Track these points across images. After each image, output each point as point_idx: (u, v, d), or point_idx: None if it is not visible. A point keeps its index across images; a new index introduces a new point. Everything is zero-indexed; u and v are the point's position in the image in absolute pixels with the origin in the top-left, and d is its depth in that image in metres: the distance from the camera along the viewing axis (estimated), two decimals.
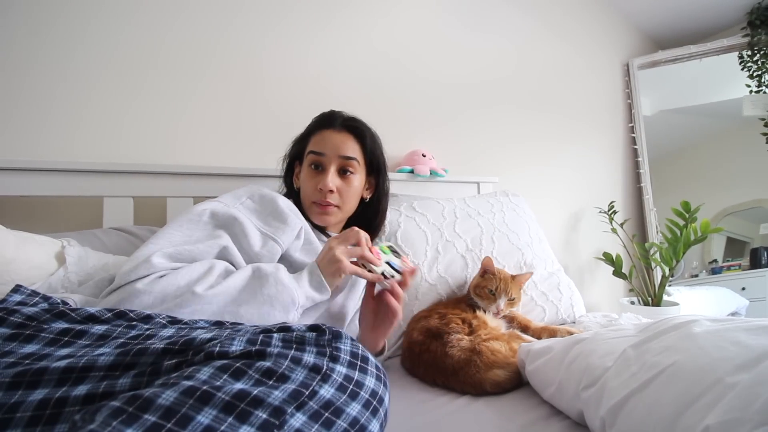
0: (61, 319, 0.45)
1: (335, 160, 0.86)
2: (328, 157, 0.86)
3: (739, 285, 2.21)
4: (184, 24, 1.18)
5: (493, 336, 0.79)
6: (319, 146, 0.87)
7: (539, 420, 0.61)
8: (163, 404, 0.29)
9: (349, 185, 0.88)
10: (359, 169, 0.90)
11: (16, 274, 0.64)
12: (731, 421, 0.36)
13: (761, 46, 2.18)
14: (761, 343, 0.43)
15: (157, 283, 0.57)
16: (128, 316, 0.48)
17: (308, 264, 0.71)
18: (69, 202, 1.01)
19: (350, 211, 0.92)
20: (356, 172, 0.89)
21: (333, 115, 0.91)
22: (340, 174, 0.88)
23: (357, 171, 0.89)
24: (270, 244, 0.73)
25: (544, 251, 1.23)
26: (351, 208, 0.92)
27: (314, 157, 0.87)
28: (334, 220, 0.89)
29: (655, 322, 0.58)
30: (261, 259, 0.72)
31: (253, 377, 0.34)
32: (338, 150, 0.86)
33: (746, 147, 2.27)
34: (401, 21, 1.61)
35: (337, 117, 0.90)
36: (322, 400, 0.35)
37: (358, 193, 0.91)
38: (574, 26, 2.20)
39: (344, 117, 0.91)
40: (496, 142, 1.87)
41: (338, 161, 0.87)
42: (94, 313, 0.47)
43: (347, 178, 0.88)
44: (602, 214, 2.07)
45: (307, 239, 0.82)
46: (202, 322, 0.49)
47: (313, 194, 0.86)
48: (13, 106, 0.97)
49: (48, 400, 0.34)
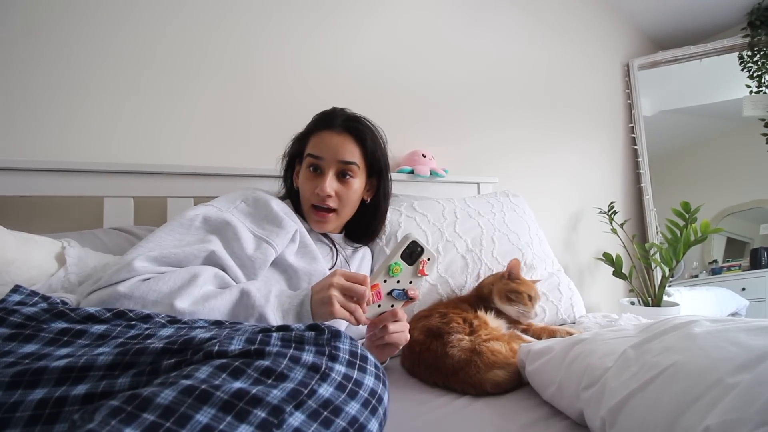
0: (60, 319, 0.45)
1: (334, 164, 0.85)
2: (327, 161, 0.85)
3: (739, 285, 2.21)
4: (184, 23, 1.18)
5: (494, 336, 0.79)
6: (317, 149, 0.85)
7: (539, 420, 0.61)
8: (161, 403, 0.29)
9: (349, 189, 0.87)
10: (359, 172, 0.88)
11: (17, 275, 0.64)
12: (731, 422, 0.36)
13: (761, 47, 2.18)
14: (761, 344, 0.43)
15: (139, 288, 0.57)
16: (127, 315, 0.47)
17: (301, 289, 0.67)
18: (69, 202, 1.01)
19: (349, 214, 0.91)
20: (356, 176, 0.87)
21: (333, 114, 0.89)
22: (339, 177, 0.86)
23: (357, 175, 0.87)
24: (264, 246, 0.72)
25: (544, 251, 1.24)
26: (350, 212, 0.91)
27: (312, 160, 0.85)
28: (331, 226, 0.89)
29: (655, 322, 0.58)
30: (254, 262, 0.71)
31: (251, 376, 0.34)
32: (337, 154, 0.85)
33: (746, 147, 2.28)
34: (401, 21, 1.61)
35: (337, 116, 0.88)
36: (321, 399, 0.35)
37: (358, 196, 0.90)
38: (575, 26, 2.20)
39: (345, 116, 0.89)
40: (497, 143, 1.87)
41: (337, 165, 0.85)
42: (94, 312, 0.46)
43: (346, 182, 0.86)
44: (602, 215, 2.07)
45: (303, 242, 0.81)
46: (202, 322, 0.48)
47: (312, 197, 0.85)
48: (13, 106, 0.97)
49: (47, 400, 0.34)
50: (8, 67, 0.97)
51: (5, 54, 0.97)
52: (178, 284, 0.59)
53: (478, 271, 1.08)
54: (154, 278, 0.59)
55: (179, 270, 0.62)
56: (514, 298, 0.92)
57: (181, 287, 0.59)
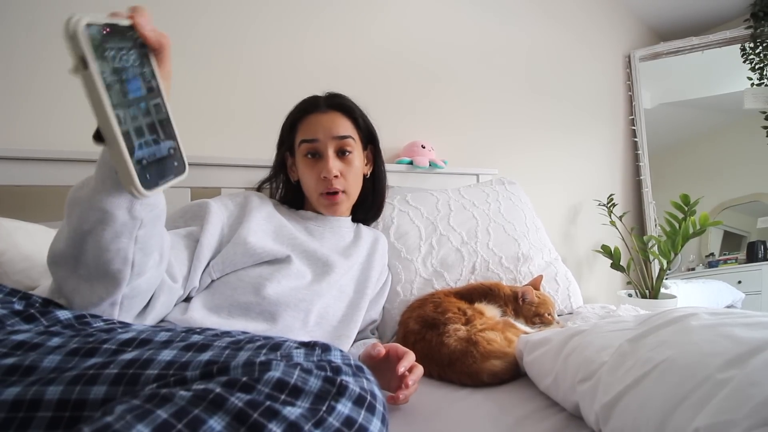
0: (30, 323, 0.41)
1: (331, 142, 0.83)
2: (323, 141, 0.83)
3: (736, 278, 2.22)
4: (188, 16, 1.16)
5: (489, 326, 0.79)
6: (310, 133, 0.84)
7: (536, 411, 0.61)
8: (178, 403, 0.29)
9: (351, 165, 0.86)
10: (356, 146, 0.87)
11: (9, 266, 0.64)
12: (722, 424, 0.36)
13: (764, 38, 2.16)
14: (753, 337, 0.43)
15: None
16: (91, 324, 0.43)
17: None
18: (65, 192, 1.00)
19: (356, 193, 0.91)
20: (354, 150, 0.87)
21: (315, 99, 0.88)
22: (339, 156, 0.85)
23: (354, 149, 0.87)
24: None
25: (541, 240, 1.22)
26: (357, 190, 0.90)
27: (308, 146, 0.84)
28: (344, 207, 0.88)
29: (655, 314, 0.58)
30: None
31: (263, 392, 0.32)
32: (330, 131, 0.83)
33: (746, 141, 2.27)
34: (400, 12, 1.59)
35: (319, 98, 0.88)
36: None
37: (360, 171, 0.90)
38: (576, 17, 2.17)
39: (326, 95, 0.89)
40: (496, 134, 1.86)
41: (334, 143, 0.84)
42: (62, 319, 0.43)
43: (347, 158, 0.85)
44: (601, 207, 2.07)
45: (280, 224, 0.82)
46: (195, 336, 0.41)
47: (318, 185, 0.84)
48: (11, 96, 0.96)
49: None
50: (10, 58, 0.96)
51: (7, 46, 0.96)
52: None
53: (474, 263, 1.08)
54: None
55: None
56: (539, 321, 0.92)
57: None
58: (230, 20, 1.24)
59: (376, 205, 1.00)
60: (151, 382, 0.33)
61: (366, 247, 0.92)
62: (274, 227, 0.80)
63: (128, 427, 0.27)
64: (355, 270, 0.87)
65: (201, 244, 0.69)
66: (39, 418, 0.31)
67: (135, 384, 0.33)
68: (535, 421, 0.59)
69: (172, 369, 0.34)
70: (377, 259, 0.93)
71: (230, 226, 0.76)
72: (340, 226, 0.90)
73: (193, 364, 0.34)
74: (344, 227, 0.91)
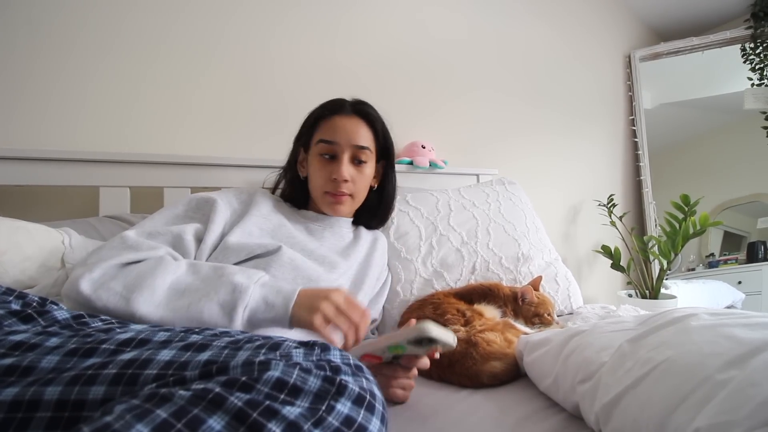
0: (27, 323, 0.42)
1: (348, 149, 0.84)
2: (341, 145, 0.84)
3: (736, 279, 2.22)
4: (187, 15, 1.16)
5: (488, 327, 0.79)
6: (330, 134, 0.84)
7: (537, 412, 0.61)
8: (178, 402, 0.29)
9: (362, 174, 0.87)
10: (371, 158, 0.88)
11: (10, 266, 0.64)
12: (721, 424, 0.36)
13: (764, 38, 2.15)
14: (753, 338, 0.43)
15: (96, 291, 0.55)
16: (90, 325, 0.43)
17: (289, 287, 0.61)
18: (65, 191, 1.01)
19: (361, 200, 0.91)
20: (368, 162, 0.87)
21: (342, 101, 0.88)
22: (353, 163, 0.86)
23: (369, 160, 0.88)
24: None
25: (541, 240, 1.22)
26: (363, 197, 0.91)
27: (326, 146, 0.84)
28: (346, 209, 0.89)
29: (655, 314, 0.58)
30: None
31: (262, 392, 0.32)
32: (351, 139, 0.84)
33: (746, 140, 2.27)
34: (400, 12, 1.58)
35: (346, 102, 0.88)
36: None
37: (369, 182, 0.91)
38: (577, 17, 2.17)
39: (353, 101, 0.89)
40: (496, 134, 1.86)
41: (352, 150, 0.84)
42: (60, 319, 0.43)
43: (360, 167, 0.86)
44: (601, 207, 2.07)
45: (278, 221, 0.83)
46: (194, 336, 0.42)
47: (326, 184, 0.85)
48: (12, 95, 0.96)
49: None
50: (9, 57, 0.96)
51: (7, 44, 0.96)
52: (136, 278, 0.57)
53: (474, 263, 1.08)
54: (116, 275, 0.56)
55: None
56: (538, 321, 0.92)
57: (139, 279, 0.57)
58: (230, 21, 1.24)
59: (379, 217, 0.99)
60: (150, 382, 0.33)
61: (365, 247, 0.93)
62: (273, 226, 0.81)
63: (128, 427, 0.27)
64: (353, 270, 0.88)
65: (204, 242, 0.72)
66: (38, 418, 0.31)
67: (134, 384, 0.33)
68: (536, 422, 0.58)
69: (171, 369, 0.34)
70: (376, 258, 0.93)
71: (232, 224, 0.77)
72: (341, 227, 0.91)
73: (192, 364, 0.34)
74: (344, 228, 0.92)
